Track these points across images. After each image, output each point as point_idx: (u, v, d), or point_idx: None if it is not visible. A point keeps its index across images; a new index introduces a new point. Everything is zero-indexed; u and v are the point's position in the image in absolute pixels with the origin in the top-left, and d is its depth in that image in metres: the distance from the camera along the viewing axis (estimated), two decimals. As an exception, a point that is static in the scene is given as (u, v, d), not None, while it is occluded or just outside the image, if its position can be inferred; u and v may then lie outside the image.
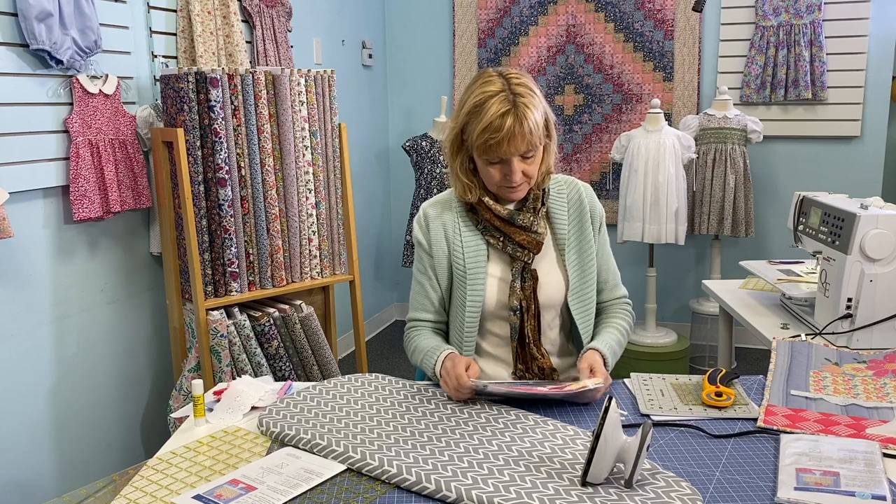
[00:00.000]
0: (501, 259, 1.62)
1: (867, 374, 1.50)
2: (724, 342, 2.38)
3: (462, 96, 1.55)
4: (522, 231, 1.58)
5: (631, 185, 3.54)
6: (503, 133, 1.45)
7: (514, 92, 1.47)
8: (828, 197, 1.90)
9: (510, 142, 1.46)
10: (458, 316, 1.62)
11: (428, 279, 1.65)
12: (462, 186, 1.59)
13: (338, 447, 1.21)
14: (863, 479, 1.08)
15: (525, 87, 1.49)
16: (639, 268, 4.15)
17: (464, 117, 1.51)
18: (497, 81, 1.49)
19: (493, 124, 1.45)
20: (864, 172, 3.86)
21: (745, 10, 3.87)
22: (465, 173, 1.58)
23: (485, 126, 1.45)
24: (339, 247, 2.70)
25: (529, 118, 1.46)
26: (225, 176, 2.29)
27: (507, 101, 1.46)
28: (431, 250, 1.64)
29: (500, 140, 1.45)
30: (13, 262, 2.09)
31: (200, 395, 1.37)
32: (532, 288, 1.58)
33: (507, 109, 1.45)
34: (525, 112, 1.46)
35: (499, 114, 1.45)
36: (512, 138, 1.45)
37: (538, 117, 1.49)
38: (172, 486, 1.14)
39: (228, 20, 2.71)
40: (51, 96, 2.14)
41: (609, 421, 1.06)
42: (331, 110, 2.61)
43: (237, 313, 2.37)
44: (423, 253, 1.66)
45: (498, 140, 1.45)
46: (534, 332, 1.60)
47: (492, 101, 1.46)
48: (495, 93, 1.47)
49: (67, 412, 2.30)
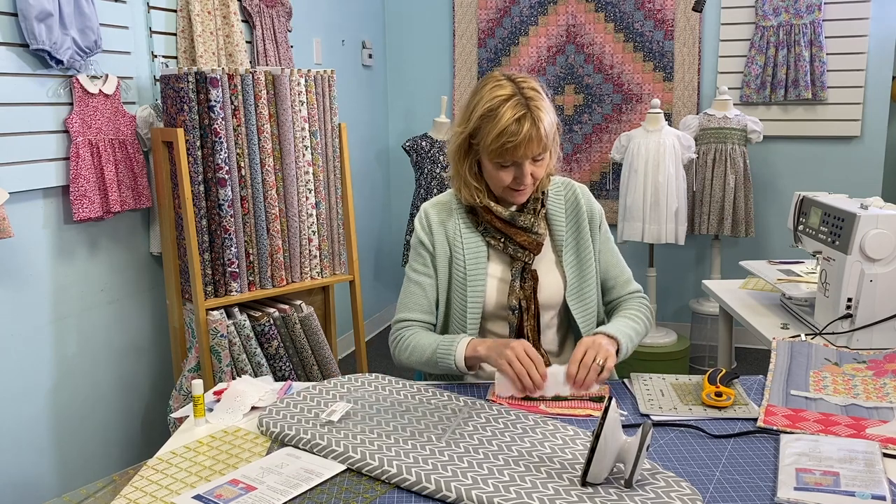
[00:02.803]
0: (501, 260, 1.63)
1: (867, 374, 1.50)
2: (724, 342, 2.38)
3: (469, 100, 1.54)
4: (523, 232, 1.58)
5: (631, 185, 3.54)
6: (520, 137, 1.45)
7: (525, 96, 1.47)
8: (828, 197, 1.90)
9: (527, 146, 1.46)
10: (458, 318, 1.61)
11: (428, 278, 1.64)
12: (470, 190, 1.58)
13: (338, 447, 1.21)
14: (863, 479, 1.08)
15: (535, 91, 1.49)
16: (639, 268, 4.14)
17: (476, 122, 1.50)
18: (507, 85, 1.49)
19: (510, 129, 1.44)
20: (864, 172, 3.86)
21: (745, 10, 3.86)
22: (473, 177, 1.58)
23: (501, 130, 1.45)
24: (339, 247, 2.70)
25: (545, 121, 1.47)
26: (225, 176, 2.29)
27: (520, 104, 1.46)
28: (434, 250, 1.64)
29: (518, 144, 1.45)
30: (13, 262, 2.09)
31: (200, 395, 1.37)
32: (532, 288, 1.59)
33: (523, 114, 1.45)
34: (539, 115, 1.47)
35: (514, 118, 1.44)
36: (528, 142, 1.46)
37: (551, 120, 1.50)
38: (172, 486, 1.14)
39: (228, 20, 2.71)
40: (51, 96, 2.14)
41: (609, 421, 1.06)
42: (331, 110, 2.61)
43: (237, 313, 2.37)
44: (426, 252, 1.65)
45: (515, 144, 1.45)
46: (533, 332, 1.60)
47: (506, 106, 1.45)
48: (508, 97, 1.47)
49: (67, 412, 2.30)
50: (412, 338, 1.60)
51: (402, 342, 1.62)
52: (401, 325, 1.65)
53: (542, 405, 1.40)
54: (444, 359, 1.51)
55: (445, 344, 1.52)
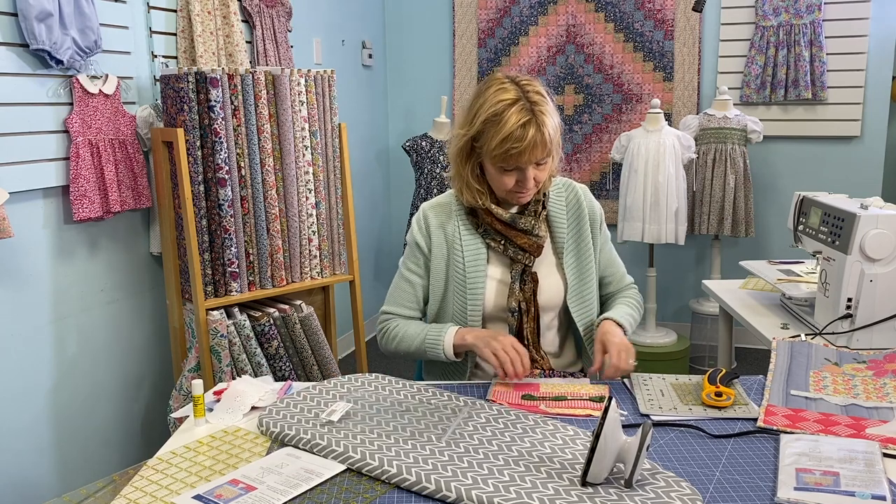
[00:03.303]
0: (501, 262, 1.62)
1: (867, 374, 1.50)
2: (724, 342, 2.38)
3: (472, 103, 1.53)
4: (524, 234, 1.58)
5: (631, 185, 3.54)
6: (525, 143, 1.44)
7: (530, 100, 1.46)
8: (828, 197, 1.90)
9: (531, 151, 1.46)
10: (458, 319, 1.61)
11: (419, 278, 1.66)
12: (472, 193, 1.57)
13: (338, 447, 1.21)
14: (863, 479, 1.08)
15: (539, 95, 1.48)
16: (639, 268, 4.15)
17: (479, 125, 1.49)
18: (511, 89, 1.48)
19: (515, 134, 1.44)
20: (864, 172, 3.86)
21: (745, 10, 3.86)
22: (476, 180, 1.57)
23: (505, 136, 1.44)
24: (339, 247, 2.70)
25: (549, 125, 1.47)
26: (225, 176, 2.29)
27: (525, 109, 1.45)
28: (430, 253, 1.64)
29: (523, 150, 1.45)
30: (13, 262, 2.09)
31: (200, 395, 1.37)
32: (532, 290, 1.59)
33: (528, 119, 1.44)
34: (544, 120, 1.46)
35: (520, 124, 1.44)
36: (533, 147, 1.45)
37: (555, 124, 1.49)
38: (172, 486, 1.14)
39: (228, 20, 2.71)
40: (51, 96, 2.14)
41: (609, 421, 1.06)
42: (331, 110, 2.61)
43: (237, 313, 2.37)
44: (420, 254, 1.66)
45: (520, 150, 1.45)
46: (532, 333, 1.60)
47: (511, 111, 1.45)
48: (512, 101, 1.46)
49: (67, 412, 2.30)
50: (400, 327, 1.63)
51: (389, 332, 1.65)
52: (387, 318, 1.68)
53: (542, 405, 1.40)
54: (432, 347, 1.54)
55: (434, 332, 1.55)
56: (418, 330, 1.59)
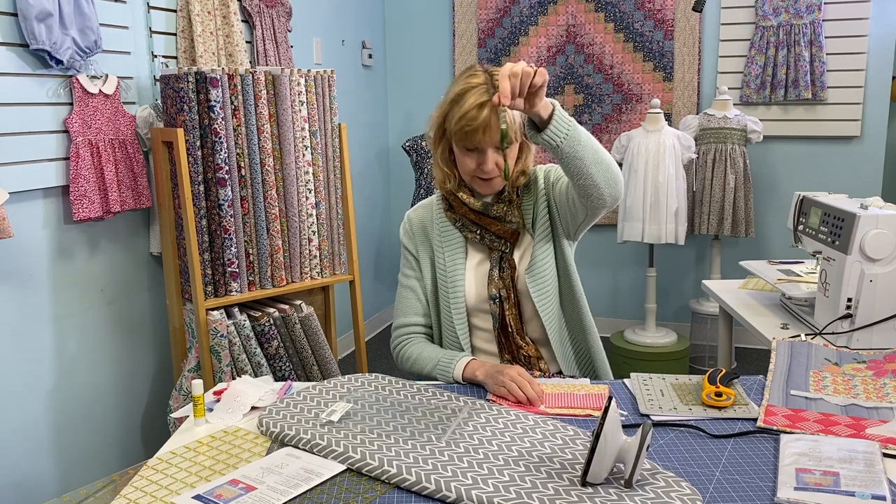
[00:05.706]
0: (480, 252, 1.66)
1: (867, 374, 1.50)
2: (724, 342, 2.38)
3: (448, 88, 1.59)
4: (497, 222, 1.61)
5: (631, 185, 3.54)
6: (478, 122, 1.49)
7: (495, 86, 1.50)
8: (828, 197, 1.90)
9: (485, 131, 1.50)
10: (447, 315, 1.64)
11: (418, 281, 1.69)
12: (442, 175, 1.63)
13: (338, 447, 1.21)
14: (863, 479, 1.08)
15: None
16: (639, 268, 4.15)
17: (446, 106, 1.56)
18: (481, 75, 1.54)
19: (470, 114, 1.49)
20: (864, 172, 3.86)
21: (745, 10, 3.87)
22: (444, 162, 1.63)
23: (462, 114, 1.50)
24: (339, 247, 2.70)
25: (508, 112, 1.50)
26: (225, 176, 2.29)
27: (486, 93, 1.50)
28: (417, 253, 1.69)
29: (476, 129, 1.49)
30: (13, 262, 2.09)
31: (200, 395, 1.37)
32: (510, 276, 1.60)
33: (485, 101, 1.49)
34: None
35: (476, 104, 1.49)
36: (486, 128, 1.49)
37: (514, 113, 1.53)
38: (172, 486, 1.14)
39: (228, 20, 2.71)
40: (51, 96, 2.14)
41: (609, 421, 1.06)
42: (331, 110, 2.61)
43: (237, 313, 2.37)
44: (410, 256, 1.71)
45: (473, 128, 1.49)
46: (515, 320, 1.62)
47: (472, 92, 1.51)
48: (477, 85, 1.52)
49: (67, 412, 2.30)
50: (415, 348, 1.65)
51: (404, 351, 1.68)
52: (401, 332, 1.70)
53: (541, 405, 1.40)
54: (443, 375, 1.56)
55: (445, 362, 1.56)
56: (431, 355, 1.61)
